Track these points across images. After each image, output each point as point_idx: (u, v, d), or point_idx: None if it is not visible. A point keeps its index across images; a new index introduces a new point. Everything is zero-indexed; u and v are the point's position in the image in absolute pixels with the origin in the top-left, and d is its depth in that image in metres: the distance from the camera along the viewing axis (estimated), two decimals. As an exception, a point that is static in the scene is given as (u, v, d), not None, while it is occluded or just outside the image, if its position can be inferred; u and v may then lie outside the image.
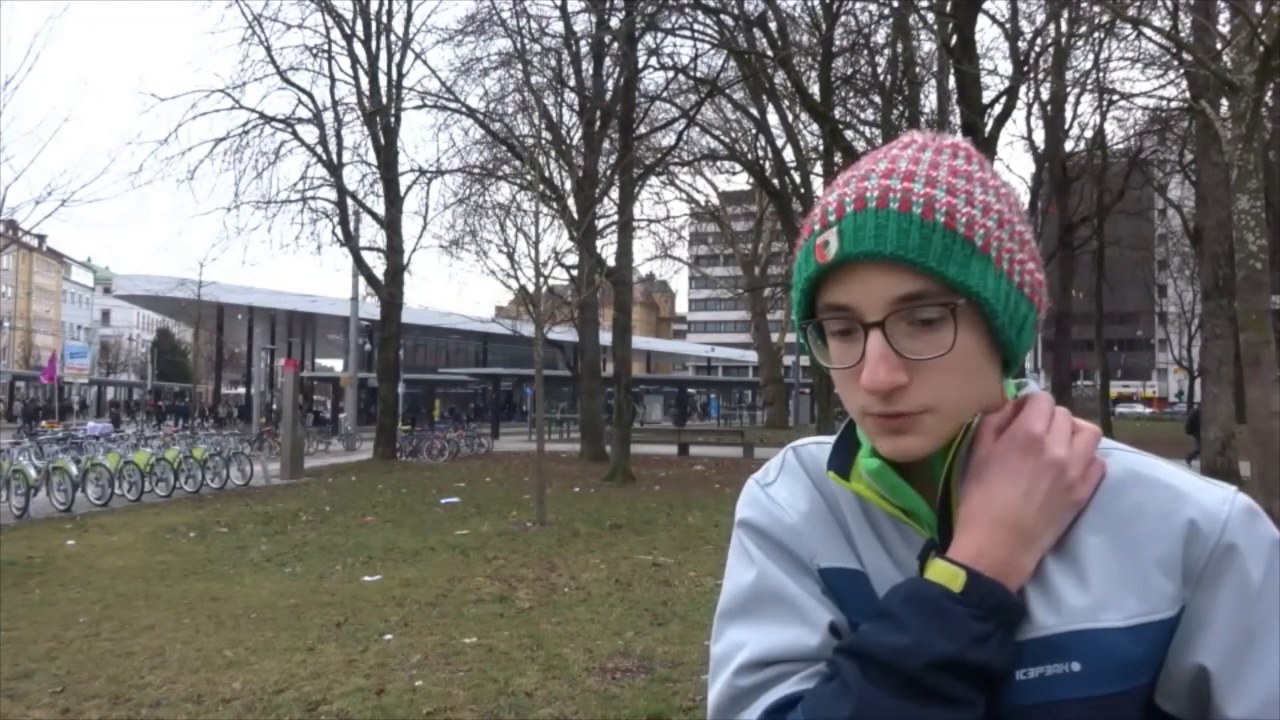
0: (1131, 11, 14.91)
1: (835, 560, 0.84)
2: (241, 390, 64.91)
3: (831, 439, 0.92)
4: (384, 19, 24.18)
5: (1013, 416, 0.81)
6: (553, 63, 23.12)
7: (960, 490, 0.80)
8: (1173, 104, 21.84)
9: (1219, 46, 12.46)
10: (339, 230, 24.56)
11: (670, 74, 22.49)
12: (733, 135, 29.25)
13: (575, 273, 18.25)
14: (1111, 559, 0.77)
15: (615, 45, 20.79)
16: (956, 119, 15.86)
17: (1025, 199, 26.78)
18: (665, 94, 23.00)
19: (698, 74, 22.46)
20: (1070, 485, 0.78)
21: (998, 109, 16.42)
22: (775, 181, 23.44)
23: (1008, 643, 0.74)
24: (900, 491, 0.81)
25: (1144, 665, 0.75)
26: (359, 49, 24.09)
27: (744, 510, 0.90)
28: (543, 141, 21.23)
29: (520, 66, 22.06)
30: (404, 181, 24.76)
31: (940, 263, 0.75)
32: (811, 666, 0.79)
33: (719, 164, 30.16)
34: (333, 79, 24.48)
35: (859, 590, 0.83)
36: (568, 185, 21.02)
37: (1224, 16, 14.38)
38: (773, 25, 19.61)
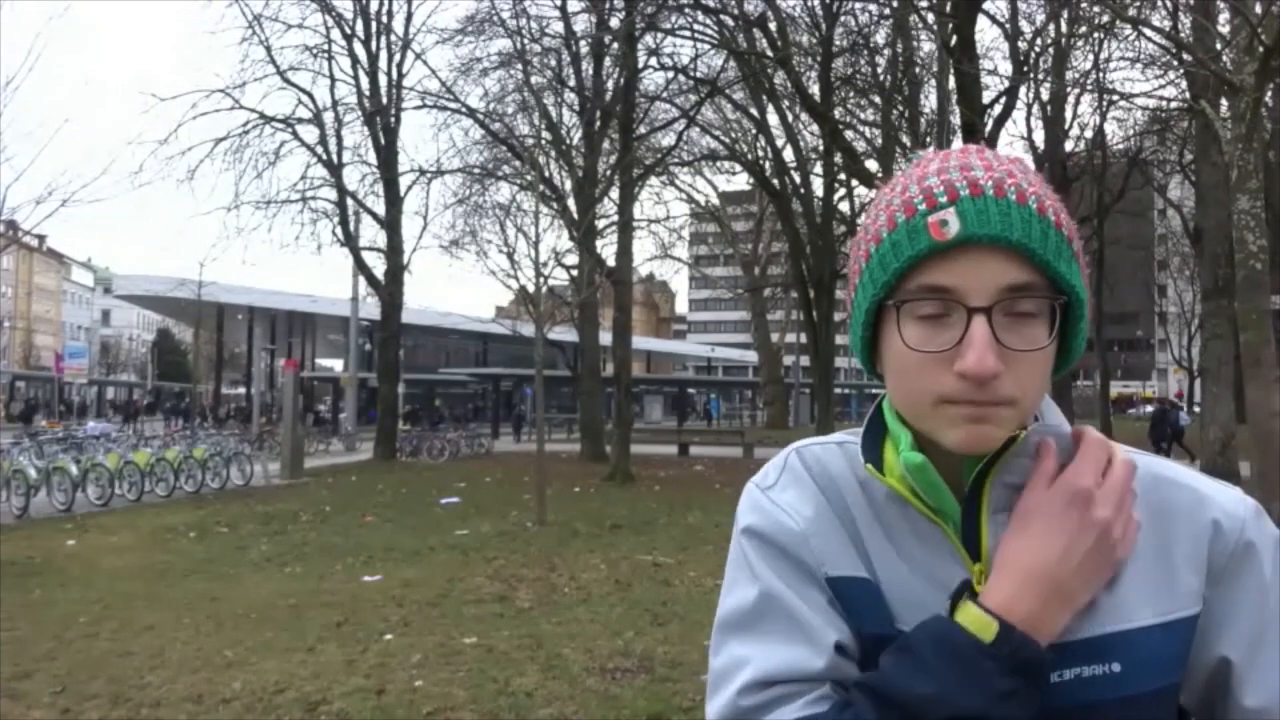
0: (1131, 11, 14.89)
1: (844, 569, 0.83)
2: (242, 390, 64.90)
3: (833, 439, 0.91)
4: (384, 19, 24.22)
5: (1071, 452, 0.81)
6: (553, 63, 23.14)
7: (993, 532, 0.80)
8: (1173, 104, 21.78)
9: (1219, 46, 12.44)
10: (339, 230, 24.60)
11: (670, 74, 22.50)
12: (733, 135, 29.23)
13: (575, 273, 18.24)
14: (1142, 558, 0.80)
15: (615, 45, 20.78)
16: (956, 119, 15.84)
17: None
18: (665, 94, 23.01)
19: (698, 74, 22.45)
20: (1113, 545, 0.78)
21: (998, 109, 16.47)
22: (775, 181, 23.44)
23: (1033, 700, 0.73)
24: (936, 491, 0.81)
25: (1177, 661, 0.79)
26: (359, 49, 24.12)
27: (747, 517, 0.88)
28: (543, 141, 21.26)
29: (520, 67, 22.10)
30: (404, 181, 24.80)
31: (1055, 258, 0.76)
32: (817, 688, 0.78)
33: (719, 164, 30.17)
34: (333, 79, 24.51)
35: (869, 599, 0.82)
36: (568, 185, 21.06)
37: (1224, 16, 14.37)
38: (772, 25, 19.59)
